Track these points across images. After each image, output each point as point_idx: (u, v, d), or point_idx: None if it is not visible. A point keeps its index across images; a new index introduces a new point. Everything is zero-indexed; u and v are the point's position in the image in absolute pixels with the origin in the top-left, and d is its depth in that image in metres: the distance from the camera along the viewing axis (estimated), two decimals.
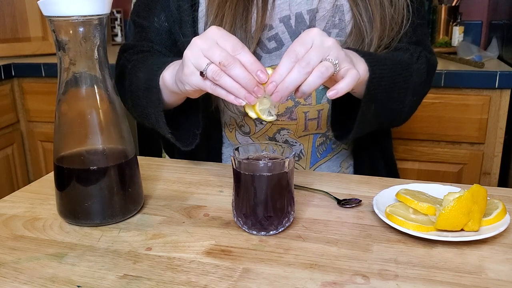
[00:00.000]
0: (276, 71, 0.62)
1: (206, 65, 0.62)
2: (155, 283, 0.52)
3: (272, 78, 0.61)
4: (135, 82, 0.81)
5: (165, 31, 0.88)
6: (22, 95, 2.04)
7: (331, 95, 0.63)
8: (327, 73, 0.62)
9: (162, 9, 0.87)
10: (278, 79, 0.61)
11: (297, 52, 0.62)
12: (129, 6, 2.44)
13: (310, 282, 0.51)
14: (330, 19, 0.83)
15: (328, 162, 0.92)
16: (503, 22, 1.91)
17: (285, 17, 0.83)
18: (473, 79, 1.61)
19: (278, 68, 0.62)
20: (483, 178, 1.71)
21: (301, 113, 0.87)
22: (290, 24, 0.83)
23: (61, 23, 0.59)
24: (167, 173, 0.83)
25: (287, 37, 0.83)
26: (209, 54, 0.62)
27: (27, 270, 0.55)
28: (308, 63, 0.61)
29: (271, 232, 0.61)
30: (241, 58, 0.61)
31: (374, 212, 0.65)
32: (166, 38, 0.88)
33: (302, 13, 0.83)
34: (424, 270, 0.54)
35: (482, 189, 0.60)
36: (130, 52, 0.89)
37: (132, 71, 0.83)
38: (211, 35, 0.63)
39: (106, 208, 0.64)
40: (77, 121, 0.63)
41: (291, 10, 0.82)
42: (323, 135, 0.90)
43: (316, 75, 0.61)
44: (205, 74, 0.62)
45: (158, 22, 0.88)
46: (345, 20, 0.83)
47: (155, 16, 0.88)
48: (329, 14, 0.82)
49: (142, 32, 0.90)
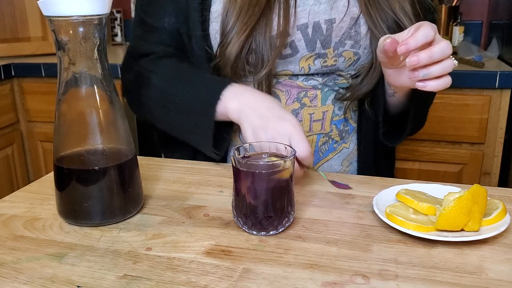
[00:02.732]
0: (413, 37, 0.64)
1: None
2: (155, 283, 0.52)
3: (408, 42, 0.64)
4: (179, 105, 0.82)
5: (175, 32, 0.87)
6: (22, 95, 2.04)
7: (420, 86, 0.68)
8: (448, 70, 0.66)
9: (173, 9, 0.86)
10: (412, 45, 0.64)
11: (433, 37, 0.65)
12: (129, 6, 2.44)
13: (310, 282, 0.51)
14: (347, 30, 0.83)
15: (330, 160, 0.92)
16: (503, 22, 1.91)
17: (303, 25, 0.83)
18: (473, 79, 1.61)
19: (416, 36, 0.64)
20: (483, 178, 1.71)
21: (306, 115, 0.87)
22: (307, 32, 0.83)
23: (61, 23, 0.59)
24: (167, 173, 0.82)
25: (302, 45, 0.83)
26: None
27: (27, 270, 0.55)
28: (443, 52, 0.65)
29: (271, 232, 0.61)
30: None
31: (374, 212, 0.65)
32: (177, 40, 0.87)
33: (320, 22, 0.83)
34: (424, 270, 0.54)
35: (482, 189, 0.60)
36: (146, 60, 0.88)
37: (163, 87, 0.84)
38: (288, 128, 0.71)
39: (106, 208, 0.64)
40: (77, 121, 0.63)
41: (309, 19, 0.82)
42: (326, 135, 0.90)
43: (441, 67, 0.65)
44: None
45: (168, 23, 0.87)
46: (361, 32, 0.84)
47: (165, 17, 0.87)
48: (346, 26, 0.83)
49: (151, 32, 0.88)
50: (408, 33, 0.68)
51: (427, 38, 0.65)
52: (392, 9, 0.81)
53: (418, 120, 0.90)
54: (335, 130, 0.91)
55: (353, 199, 0.72)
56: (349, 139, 0.94)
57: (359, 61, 0.86)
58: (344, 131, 0.92)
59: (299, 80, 0.87)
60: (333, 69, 0.86)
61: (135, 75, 0.89)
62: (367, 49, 0.85)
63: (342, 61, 0.85)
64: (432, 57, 0.64)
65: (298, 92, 0.87)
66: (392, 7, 0.81)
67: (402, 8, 0.81)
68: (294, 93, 0.87)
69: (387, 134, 0.87)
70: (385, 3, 0.82)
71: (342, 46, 0.84)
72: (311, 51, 0.83)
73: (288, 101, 0.87)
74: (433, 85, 0.67)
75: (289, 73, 0.86)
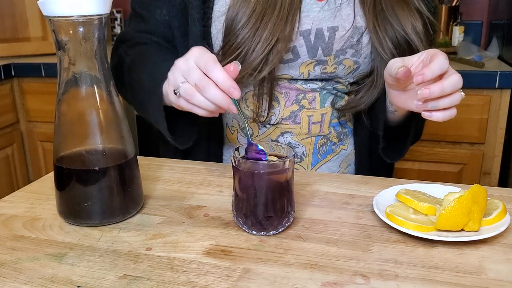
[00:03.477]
0: (429, 68, 0.64)
1: (180, 84, 0.67)
2: (155, 283, 0.52)
3: (424, 73, 0.64)
4: (137, 83, 0.82)
5: (165, 25, 0.88)
6: (22, 95, 2.04)
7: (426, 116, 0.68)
8: (456, 103, 0.66)
9: (166, 1, 0.86)
10: (428, 76, 0.64)
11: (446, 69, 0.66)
12: (129, 6, 2.44)
13: (310, 282, 0.51)
14: (349, 39, 0.83)
15: (328, 162, 0.92)
16: (503, 22, 1.91)
17: (305, 31, 0.82)
18: (473, 79, 1.61)
19: (432, 67, 0.64)
20: (483, 178, 1.71)
21: (305, 117, 0.87)
22: (309, 39, 0.82)
23: (61, 23, 0.59)
24: (167, 173, 0.82)
25: (304, 51, 0.83)
26: (186, 75, 0.67)
27: (27, 270, 0.55)
28: (455, 86, 0.65)
29: (271, 232, 0.61)
30: (213, 76, 0.64)
31: (374, 212, 0.65)
32: (165, 31, 0.88)
33: (323, 29, 0.82)
34: (424, 270, 0.54)
35: (482, 189, 0.60)
36: (128, 44, 0.89)
37: (132, 69, 0.84)
38: (190, 55, 0.67)
39: (106, 208, 0.64)
40: (77, 121, 0.63)
41: (312, 25, 0.82)
42: (324, 137, 0.90)
43: (450, 101, 0.66)
44: (178, 93, 0.67)
45: (159, 15, 0.88)
46: (363, 42, 0.83)
47: (157, 8, 0.88)
48: (348, 34, 0.83)
49: (141, 22, 0.90)
50: (419, 59, 0.69)
51: (442, 70, 0.65)
52: (404, 27, 0.81)
53: (417, 134, 0.91)
54: (334, 132, 0.91)
55: (353, 199, 0.72)
56: (347, 141, 0.94)
57: (358, 69, 0.86)
58: (342, 133, 0.92)
59: (298, 83, 0.87)
60: (332, 76, 0.86)
61: (117, 59, 0.91)
62: (367, 58, 0.85)
63: (342, 68, 0.85)
64: (444, 91, 0.65)
65: (297, 94, 0.87)
66: (404, 26, 0.81)
67: (414, 28, 0.81)
68: (293, 95, 0.86)
69: (386, 149, 0.88)
70: (395, 20, 0.81)
71: (343, 54, 0.84)
72: (312, 57, 0.83)
73: (287, 103, 0.87)
74: (439, 116, 0.67)
75: (289, 77, 0.86)
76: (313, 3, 0.82)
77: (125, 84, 0.86)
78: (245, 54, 0.79)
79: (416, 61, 0.69)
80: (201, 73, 0.65)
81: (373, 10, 0.82)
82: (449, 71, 0.66)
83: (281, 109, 0.87)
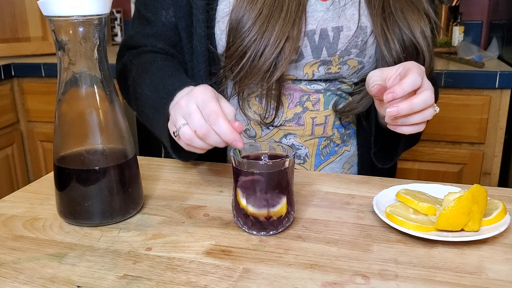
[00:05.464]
0: (401, 85, 0.64)
1: (181, 125, 0.65)
2: (155, 283, 0.52)
3: (395, 91, 0.64)
4: (142, 96, 0.80)
5: (171, 28, 0.86)
6: (22, 95, 2.04)
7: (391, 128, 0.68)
8: (428, 118, 0.66)
9: (172, 3, 0.85)
10: (399, 93, 0.64)
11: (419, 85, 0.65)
12: (129, 6, 2.44)
13: (310, 282, 0.51)
14: (353, 39, 0.82)
15: (331, 164, 0.92)
16: (503, 22, 1.91)
17: (310, 31, 0.82)
18: (473, 79, 1.61)
19: (404, 84, 0.64)
20: (483, 178, 1.71)
21: (308, 119, 0.87)
22: (314, 39, 0.82)
23: (61, 23, 0.59)
24: (167, 173, 0.82)
25: (308, 51, 0.83)
26: (187, 118, 0.65)
27: (27, 270, 0.55)
28: (425, 103, 0.64)
29: (271, 232, 0.61)
30: (217, 129, 0.62)
31: (374, 212, 0.65)
32: (171, 35, 0.87)
33: (327, 30, 0.82)
34: (424, 270, 0.54)
35: (482, 189, 0.60)
36: (133, 53, 0.88)
37: (136, 82, 0.83)
38: (193, 97, 0.65)
39: (106, 208, 0.64)
40: (77, 121, 0.63)
41: (317, 26, 0.82)
42: (328, 139, 0.90)
43: (421, 117, 0.65)
44: (177, 135, 0.66)
45: (165, 17, 0.86)
46: (367, 42, 0.83)
47: (163, 10, 0.86)
48: (353, 34, 0.82)
49: (147, 25, 0.88)
50: (396, 71, 0.68)
51: (414, 86, 0.65)
52: (413, 31, 0.80)
53: (412, 140, 0.90)
54: (337, 133, 0.91)
55: (353, 199, 0.72)
56: (350, 142, 0.94)
57: (363, 69, 0.86)
58: (345, 134, 0.92)
59: (302, 84, 0.86)
60: (336, 76, 0.86)
61: (122, 66, 0.90)
62: (372, 58, 0.84)
63: (346, 69, 0.85)
64: (413, 109, 0.64)
65: (300, 95, 0.86)
66: (413, 29, 0.80)
67: (423, 32, 0.80)
68: (297, 96, 0.86)
69: (379, 154, 0.88)
70: (404, 23, 0.80)
71: (348, 54, 0.83)
72: (316, 58, 0.83)
73: (291, 105, 0.86)
74: (404, 130, 0.68)
75: (293, 77, 0.85)
76: (318, 3, 0.82)
77: (130, 95, 0.85)
78: (253, 58, 0.77)
79: (393, 73, 0.69)
80: (202, 120, 0.63)
81: (381, 13, 0.81)
82: (423, 85, 0.66)
83: (285, 111, 0.86)
